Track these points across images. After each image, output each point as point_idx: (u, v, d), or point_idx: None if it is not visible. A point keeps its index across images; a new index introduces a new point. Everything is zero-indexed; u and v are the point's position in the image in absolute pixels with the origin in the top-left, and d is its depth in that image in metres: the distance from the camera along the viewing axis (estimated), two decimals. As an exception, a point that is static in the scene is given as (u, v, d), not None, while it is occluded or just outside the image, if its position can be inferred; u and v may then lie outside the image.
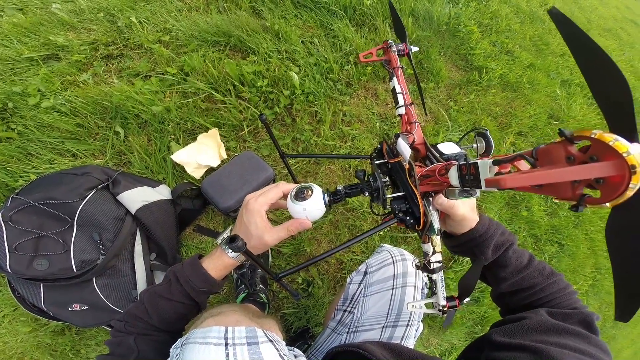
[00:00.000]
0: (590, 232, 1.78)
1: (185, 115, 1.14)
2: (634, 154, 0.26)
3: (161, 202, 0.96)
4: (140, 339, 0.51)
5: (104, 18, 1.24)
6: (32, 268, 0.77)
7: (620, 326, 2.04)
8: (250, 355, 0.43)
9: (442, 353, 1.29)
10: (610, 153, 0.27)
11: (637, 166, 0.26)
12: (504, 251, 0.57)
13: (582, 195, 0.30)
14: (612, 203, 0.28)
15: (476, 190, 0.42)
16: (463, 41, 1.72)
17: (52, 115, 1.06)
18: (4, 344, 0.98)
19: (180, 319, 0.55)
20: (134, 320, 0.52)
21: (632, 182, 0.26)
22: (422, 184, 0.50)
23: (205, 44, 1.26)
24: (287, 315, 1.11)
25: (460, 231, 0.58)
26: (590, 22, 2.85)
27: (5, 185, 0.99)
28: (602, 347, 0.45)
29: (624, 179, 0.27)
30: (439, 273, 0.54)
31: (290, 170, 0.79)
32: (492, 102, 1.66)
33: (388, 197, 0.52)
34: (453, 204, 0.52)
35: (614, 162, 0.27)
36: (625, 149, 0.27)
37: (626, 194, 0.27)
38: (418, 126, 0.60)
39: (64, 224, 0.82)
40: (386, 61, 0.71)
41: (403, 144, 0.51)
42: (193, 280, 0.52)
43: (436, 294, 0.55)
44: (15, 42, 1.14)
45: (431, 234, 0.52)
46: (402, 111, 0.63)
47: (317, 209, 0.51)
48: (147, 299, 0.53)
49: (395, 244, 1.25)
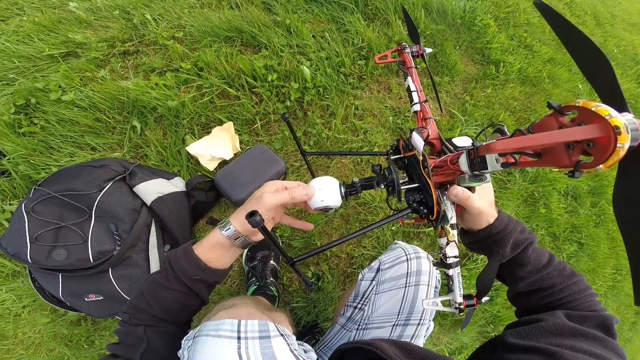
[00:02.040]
0: (612, 231, 1.71)
1: (199, 109, 1.16)
2: (616, 117, 0.29)
3: (176, 194, 0.97)
4: (150, 330, 0.51)
5: (119, 15, 1.26)
6: (51, 258, 0.79)
7: (638, 329, 1.97)
8: (261, 349, 0.43)
9: (451, 352, 1.26)
10: (594, 117, 0.30)
11: (620, 127, 0.28)
12: (523, 249, 0.56)
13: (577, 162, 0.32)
14: (605, 165, 0.30)
15: (486, 175, 0.44)
16: (479, 35, 1.67)
17: (72, 111, 1.09)
18: (22, 335, 1.01)
19: (182, 309, 0.53)
20: (137, 312, 0.52)
21: (619, 142, 0.28)
22: (436, 174, 0.52)
23: (218, 40, 1.28)
24: (297, 309, 1.11)
25: (478, 227, 0.57)
26: (615, 17, 2.72)
27: (28, 178, 1.03)
28: (618, 351, 0.44)
29: (610, 139, 0.29)
30: (456, 268, 0.53)
31: (310, 167, 0.84)
32: (510, 96, 1.61)
33: (403, 189, 0.53)
34: (468, 196, 0.52)
35: (599, 125, 0.29)
36: (607, 112, 0.29)
37: (616, 153, 0.29)
38: (432, 122, 0.62)
39: (82, 215, 0.84)
40: (401, 62, 0.74)
41: (417, 137, 0.53)
42: (184, 266, 0.50)
43: (453, 291, 0.54)
44: (36, 40, 1.18)
45: (444, 224, 0.52)
46: (417, 108, 0.65)
47: (334, 200, 0.54)
48: (146, 289, 0.52)
49: (407, 240, 1.23)
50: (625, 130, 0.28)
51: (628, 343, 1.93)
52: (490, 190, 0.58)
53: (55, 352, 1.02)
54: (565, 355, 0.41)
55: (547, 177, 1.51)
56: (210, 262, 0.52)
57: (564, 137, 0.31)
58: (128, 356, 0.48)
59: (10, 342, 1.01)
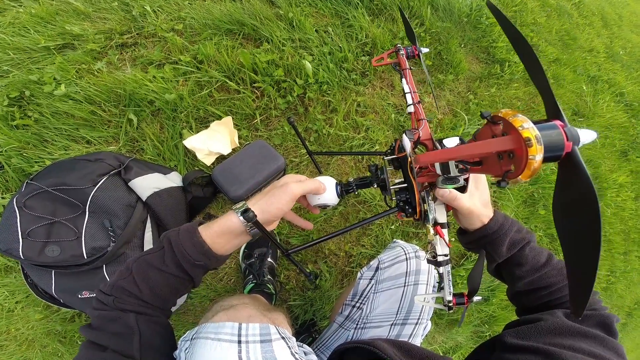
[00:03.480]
0: (609, 233, 1.71)
1: (198, 103, 1.14)
2: (529, 128, 0.29)
3: (172, 189, 0.95)
4: (141, 318, 0.45)
5: (118, 7, 1.24)
6: (44, 254, 0.78)
7: (628, 330, 1.99)
8: (262, 353, 0.43)
9: (446, 351, 1.26)
10: (512, 129, 0.30)
11: (531, 139, 0.28)
12: (520, 249, 0.55)
13: (506, 172, 0.32)
14: (523, 176, 0.30)
15: (459, 178, 0.46)
16: (485, 33, 1.65)
17: (67, 103, 1.07)
18: (15, 331, 1.00)
19: (172, 293, 0.48)
20: (122, 294, 0.45)
21: (530, 154, 0.28)
22: (422, 175, 0.53)
23: (219, 33, 1.25)
24: (294, 307, 1.10)
25: (473, 227, 0.57)
26: (622, 19, 2.70)
27: (21, 171, 1.01)
28: (619, 350, 0.44)
29: (522, 151, 0.29)
30: (446, 267, 0.54)
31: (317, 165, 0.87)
32: (514, 96, 1.59)
33: (392, 188, 0.56)
34: (455, 196, 0.52)
35: (512, 136, 0.30)
36: (520, 124, 0.29)
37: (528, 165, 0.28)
38: (425, 123, 0.63)
39: (76, 210, 0.82)
40: (396, 64, 0.75)
41: (405, 139, 0.55)
42: (187, 249, 0.45)
43: (443, 289, 0.55)
44: (32, 31, 1.15)
45: (426, 223, 0.54)
46: (412, 109, 0.67)
47: (331, 198, 0.57)
48: (136, 269, 0.46)
49: (406, 239, 1.22)
50: (537, 142, 0.28)
51: (619, 343, 1.94)
52: (485, 191, 0.57)
53: (49, 349, 1.01)
54: (564, 356, 0.41)
55: (548, 179, 1.50)
56: (215, 247, 0.47)
57: (479, 149, 0.32)
58: (119, 349, 0.42)
59: (4, 338, 1.00)
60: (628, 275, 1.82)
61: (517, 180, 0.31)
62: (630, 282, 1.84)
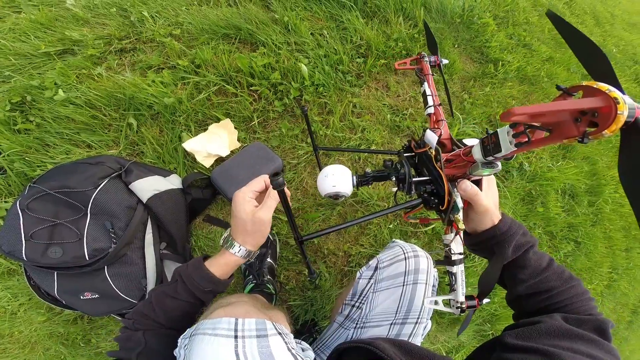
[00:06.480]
0: (610, 230, 1.71)
1: (196, 106, 1.15)
2: (615, 90, 0.35)
3: (172, 192, 0.97)
4: (148, 333, 0.53)
5: (116, 13, 1.26)
6: (47, 256, 0.79)
7: (634, 328, 1.98)
8: (259, 347, 0.43)
9: (448, 351, 1.26)
10: (597, 92, 0.37)
11: (618, 98, 0.34)
12: (524, 252, 0.56)
13: (584, 131, 0.37)
14: (609, 130, 0.34)
15: (497, 162, 0.48)
16: (478, 33, 1.67)
17: (68, 108, 1.08)
18: (19, 333, 1.01)
19: (185, 316, 0.57)
20: (140, 317, 0.55)
21: (619, 109, 0.34)
22: (447, 167, 0.56)
23: (216, 37, 1.27)
24: (294, 308, 1.11)
25: (482, 227, 0.58)
26: (614, 17, 2.72)
27: (24, 175, 1.02)
28: (614, 353, 0.45)
29: (611, 108, 0.34)
30: (460, 266, 0.54)
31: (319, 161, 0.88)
32: (509, 95, 1.61)
33: (414, 181, 0.58)
34: (477, 192, 0.54)
35: (601, 97, 0.36)
36: (607, 88, 0.36)
37: (617, 119, 0.34)
38: (445, 123, 0.66)
39: (77, 212, 0.83)
40: (419, 69, 0.81)
41: (431, 134, 0.58)
42: (197, 280, 0.54)
43: (455, 290, 0.54)
44: (32, 37, 1.18)
45: (455, 213, 0.54)
46: (432, 110, 0.71)
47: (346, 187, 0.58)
48: (154, 298, 0.56)
49: (405, 239, 1.23)
50: (623, 101, 0.34)
51: (624, 342, 1.94)
52: (495, 192, 0.60)
53: (52, 351, 1.02)
54: (563, 356, 0.42)
55: (545, 176, 1.51)
56: (221, 275, 0.57)
57: (575, 105, 0.37)
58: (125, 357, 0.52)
59: (7, 341, 1.01)
60: (631, 272, 1.82)
61: (602, 135, 0.35)
62: (633, 279, 1.84)
